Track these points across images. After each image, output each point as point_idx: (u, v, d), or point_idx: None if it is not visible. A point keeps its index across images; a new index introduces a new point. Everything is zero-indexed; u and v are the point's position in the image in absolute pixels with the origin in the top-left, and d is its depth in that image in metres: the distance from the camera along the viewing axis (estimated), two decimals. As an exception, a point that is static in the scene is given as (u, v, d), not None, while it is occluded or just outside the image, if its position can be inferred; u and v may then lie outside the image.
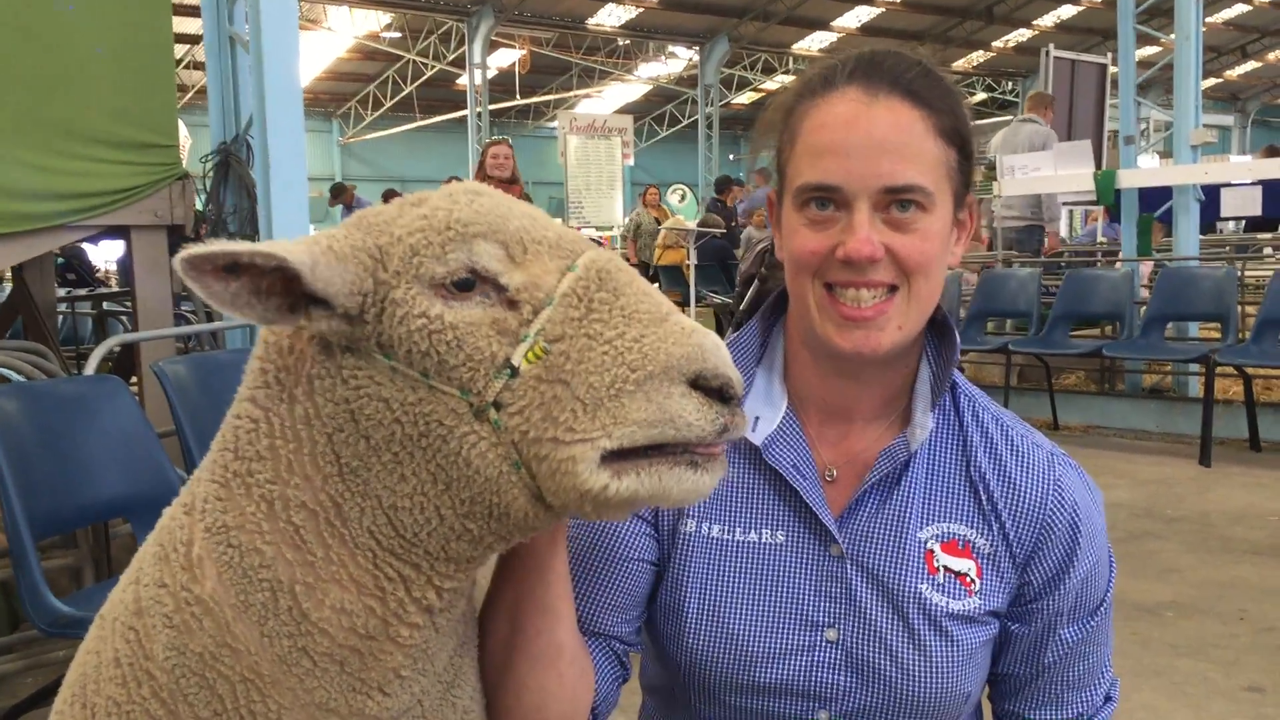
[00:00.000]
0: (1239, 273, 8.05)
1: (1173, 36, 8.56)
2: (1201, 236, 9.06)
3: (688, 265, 10.52)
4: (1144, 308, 7.79)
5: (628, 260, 8.77)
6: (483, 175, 8.82)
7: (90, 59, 4.35)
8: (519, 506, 1.01)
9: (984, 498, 1.38)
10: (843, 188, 1.26)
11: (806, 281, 1.32)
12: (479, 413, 0.99)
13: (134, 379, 4.74)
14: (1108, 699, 1.46)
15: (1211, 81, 30.54)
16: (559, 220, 1.22)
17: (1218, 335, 7.47)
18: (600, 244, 1.18)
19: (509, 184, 8.74)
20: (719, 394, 1.01)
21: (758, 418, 1.41)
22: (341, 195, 16.19)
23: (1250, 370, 7.09)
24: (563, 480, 0.98)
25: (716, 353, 1.01)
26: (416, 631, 1.07)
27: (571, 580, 1.31)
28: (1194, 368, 7.81)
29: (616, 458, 0.99)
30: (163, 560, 1.09)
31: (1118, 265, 9.04)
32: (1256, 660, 3.90)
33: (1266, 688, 3.68)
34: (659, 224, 14.57)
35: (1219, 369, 6.93)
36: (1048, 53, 10.99)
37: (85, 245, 8.66)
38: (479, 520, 1.03)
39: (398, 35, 26.01)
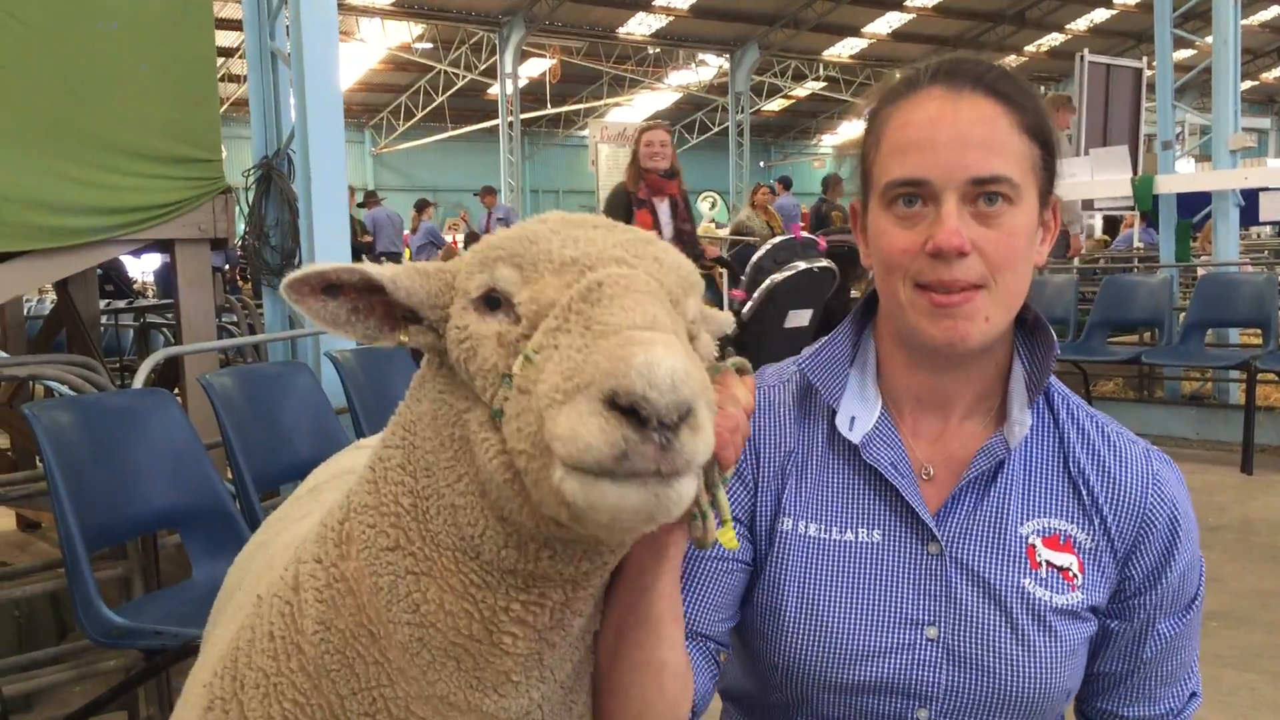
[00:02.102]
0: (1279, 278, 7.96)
1: (1209, 40, 8.47)
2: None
3: (720, 274, 10.46)
4: (1183, 314, 7.73)
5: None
6: (635, 167, 7.01)
7: (134, 75, 4.41)
8: (527, 515, 1.01)
9: (1084, 492, 1.40)
10: (930, 180, 1.29)
11: (897, 282, 1.34)
12: (494, 419, 1.02)
13: (176, 390, 4.80)
14: (1193, 695, 1.47)
15: (1247, 84, 30.23)
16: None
17: (1258, 341, 7.40)
18: None
19: (668, 178, 7.00)
20: (635, 415, 0.88)
21: (853, 417, 1.42)
22: (369, 201, 16.81)
23: (1292, 377, 7.03)
24: (538, 491, 0.97)
25: (643, 371, 0.88)
26: (518, 641, 1.09)
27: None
28: (1234, 374, 7.73)
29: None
30: (321, 539, 1.18)
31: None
32: (1304, 671, 3.85)
33: (1315, 699, 3.63)
34: (771, 229, 12.67)
35: (1260, 375, 6.87)
36: (1082, 57, 10.87)
37: (125, 257, 8.75)
38: (510, 528, 1.05)
39: (429, 46, 26.20)
